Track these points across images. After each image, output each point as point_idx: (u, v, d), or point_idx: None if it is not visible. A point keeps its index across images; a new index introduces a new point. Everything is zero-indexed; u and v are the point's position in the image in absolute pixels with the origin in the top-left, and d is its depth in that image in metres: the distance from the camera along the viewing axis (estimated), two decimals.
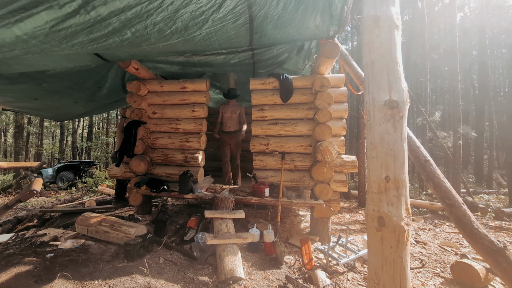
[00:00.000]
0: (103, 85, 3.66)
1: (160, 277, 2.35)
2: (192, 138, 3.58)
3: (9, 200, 4.23)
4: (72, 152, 15.46)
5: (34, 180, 2.84)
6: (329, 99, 3.11)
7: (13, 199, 2.57)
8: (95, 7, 1.34)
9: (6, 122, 15.55)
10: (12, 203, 2.57)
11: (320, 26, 2.31)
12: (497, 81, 18.98)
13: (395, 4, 1.32)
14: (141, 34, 1.77)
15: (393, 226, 1.19)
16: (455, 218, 2.18)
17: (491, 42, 13.17)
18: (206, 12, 1.68)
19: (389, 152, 1.23)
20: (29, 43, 1.55)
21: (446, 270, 2.66)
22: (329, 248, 2.60)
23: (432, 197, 6.57)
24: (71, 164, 9.85)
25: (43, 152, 16.51)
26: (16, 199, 2.58)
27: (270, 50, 3.16)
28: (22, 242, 3.16)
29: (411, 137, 2.53)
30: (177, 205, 4.90)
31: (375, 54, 1.30)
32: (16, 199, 2.59)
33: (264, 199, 3.02)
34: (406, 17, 14.07)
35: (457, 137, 6.84)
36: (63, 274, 2.37)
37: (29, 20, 1.30)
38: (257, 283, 2.31)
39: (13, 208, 2.66)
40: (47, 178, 9.30)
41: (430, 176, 2.36)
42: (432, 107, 11.69)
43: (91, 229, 3.29)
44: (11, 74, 2.61)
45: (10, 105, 3.72)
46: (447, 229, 4.12)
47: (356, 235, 3.63)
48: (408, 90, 1.31)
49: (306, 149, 3.26)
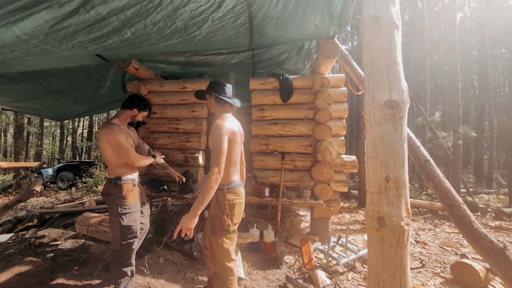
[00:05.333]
0: (103, 84, 3.65)
1: (160, 277, 2.35)
2: (192, 138, 3.58)
3: (9, 200, 4.23)
4: (72, 152, 15.46)
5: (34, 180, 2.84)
6: (329, 99, 3.11)
7: (13, 199, 2.58)
8: (95, 6, 1.33)
9: (6, 122, 15.56)
10: (12, 203, 2.57)
11: (320, 26, 2.30)
12: (497, 81, 18.99)
13: (395, 4, 1.31)
14: (141, 34, 1.77)
15: (393, 226, 1.19)
16: (455, 218, 2.18)
17: (491, 42, 13.16)
18: (205, 11, 1.68)
19: (389, 152, 1.23)
20: (29, 43, 1.54)
21: (446, 270, 2.66)
22: (329, 248, 2.60)
23: (432, 197, 6.57)
24: (71, 164, 9.84)
25: (43, 152, 16.50)
26: (16, 199, 2.59)
27: (270, 50, 3.16)
28: (22, 242, 3.16)
29: (411, 137, 2.54)
30: (177, 205, 4.90)
31: (375, 54, 1.30)
32: (16, 199, 2.59)
33: (264, 199, 3.02)
34: (406, 17, 14.06)
35: (457, 137, 6.84)
36: (63, 274, 2.37)
37: (29, 19, 1.30)
38: (257, 283, 2.31)
39: (13, 208, 2.66)
40: (47, 178, 9.29)
41: (430, 176, 2.36)
42: (432, 107, 11.71)
43: (91, 229, 3.29)
44: (11, 74, 2.60)
45: (10, 105, 3.72)
46: (447, 229, 4.11)
47: (356, 235, 3.63)
48: (408, 90, 1.31)
49: (306, 149, 3.26)
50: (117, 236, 1.98)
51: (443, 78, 15.58)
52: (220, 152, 1.56)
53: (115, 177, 2.03)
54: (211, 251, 1.73)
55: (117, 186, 2.01)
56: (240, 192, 1.78)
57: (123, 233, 1.98)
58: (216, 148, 1.57)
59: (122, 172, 2.06)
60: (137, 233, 2.05)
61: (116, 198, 1.99)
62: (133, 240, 2.03)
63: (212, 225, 1.70)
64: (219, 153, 1.56)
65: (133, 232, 2.02)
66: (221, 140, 1.58)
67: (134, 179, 2.10)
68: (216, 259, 1.70)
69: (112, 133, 1.99)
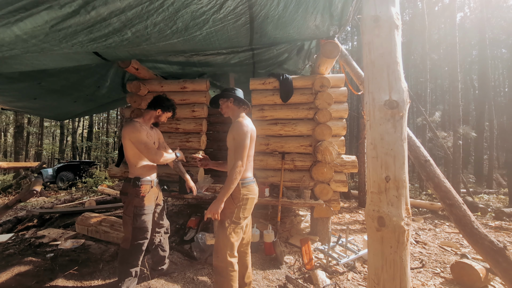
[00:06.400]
0: (103, 84, 3.65)
1: (160, 277, 2.35)
2: (192, 138, 3.57)
3: (9, 200, 4.23)
4: (72, 152, 15.45)
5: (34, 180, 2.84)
6: (329, 99, 3.11)
7: (13, 199, 2.58)
8: (96, 7, 1.33)
9: (6, 122, 15.56)
10: (12, 203, 2.57)
11: (320, 26, 2.31)
12: (497, 81, 19.00)
13: (395, 4, 1.31)
14: (141, 34, 1.77)
15: (393, 226, 1.19)
16: (455, 218, 2.18)
17: (491, 42, 13.18)
18: (207, 13, 1.68)
19: (389, 152, 1.23)
20: (28, 43, 1.55)
21: (446, 270, 2.66)
22: (329, 248, 2.60)
23: (432, 197, 6.57)
24: (71, 164, 9.85)
25: (43, 152, 16.50)
26: (16, 199, 2.59)
27: (270, 50, 3.16)
28: (22, 242, 3.16)
29: (411, 137, 2.53)
30: (177, 205, 4.90)
31: (375, 54, 1.30)
32: (16, 199, 2.59)
33: (264, 199, 3.02)
34: (406, 17, 14.07)
35: (457, 137, 6.85)
36: (63, 274, 2.37)
37: (29, 19, 1.30)
38: (257, 283, 2.31)
39: (13, 208, 2.66)
40: (47, 178, 9.29)
41: (430, 176, 2.36)
42: (432, 107, 11.70)
43: (91, 229, 3.29)
44: (10, 73, 2.60)
45: (9, 104, 3.72)
46: (447, 229, 4.12)
47: (356, 235, 3.64)
48: (408, 90, 1.31)
49: (306, 149, 3.27)
50: (129, 236, 2.01)
51: (443, 78, 15.60)
52: (244, 147, 1.70)
53: (134, 177, 2.05)
54: (217, 244, 1.76)
55: (135, 186, 2.02)
56: (253, 189, 1.85)
57: (135, 233, 2.00)
58: (240, 143, 1.70)
59: (141, 173, 2.08)
60: (148, 235, 2.07)
61: (132, 198, 2.01)
62: (143, 241, 2.05)
63: (223, 216, 1.74)
64: (242, 148, 1.69)
65: (144, 233, 2.04)
66: (245, 137, 1.71)
67: (152, 180, 2.12)
68: (219, 252, 1.72)
69: (133, 130, 2.01)
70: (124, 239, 2.05)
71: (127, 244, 2.01)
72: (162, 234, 2.35)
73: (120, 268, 2.04)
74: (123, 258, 2.03)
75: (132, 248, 2.00)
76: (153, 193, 2.14)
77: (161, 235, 2.35)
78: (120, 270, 2.03)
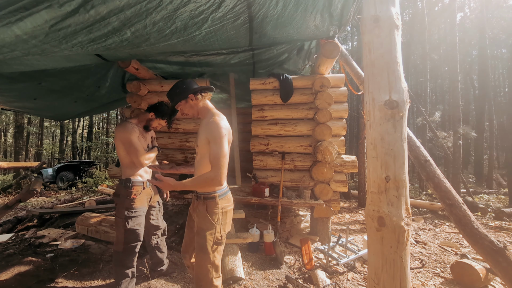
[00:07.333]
0: (103, 84, 3.65)
1: (160, 277, 2.35)
2: (192, 138, 3.58)
3: (9, 200, 4.23)
4: (72, 152, 15.46)
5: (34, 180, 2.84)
6: (329, 99, 3.11)
7: (13, 199, 2.58)
8: (95, 6, 1.33)
9: (6, 122, 15.56)
10: (12, 203, 2.57)
11: (320, 26, 2.30)
12: (497, 81, 18.99)
13: (395, 4, 1.31)
14: (141, 34, 1.77)
15: (393, 226, 1.18)
16: (455, 218, 2.18)
17: (491, 42, 13.17)
18: (205, 12, 1.68)
19: (389, 152, 1.23)
20: (29, 43, 1.54)
21: (446, 270, 2.66)
22: (329, 248, 2.60)
23: (432, 197, 6.57)
24: (71, 164, 9.85)
25: (43, 152, 16.51)
26: (16, 199, 2.59)
27: (270, 50, 3.16)
28: (22, 242, 3.16)
29: (411, 137, 2.53)
30: (177, 205, 4.90)
31: (375, 54, 1.30)
32: (16, 199, 2.59)
33: (264, 199, 3.02)
34: (406, 17, 14.07)
35: (457, 137, 6.84)
36: (63, 274, 2.37)
37: (29, 19, 1.30)
38: (257, 283, 2.31)
39: (13, 208, 2.66)
40: (47, 178, 9.30)
41: (430, 176, 2.36)
42: (432, 107, 11.70)
43: (91, 229, 3.29)
44: (11, 73, 2.60)
45: (9, 104, 3.72)
46: (447, 229, 4.11)
47: (356, 235, 3.63)
48: (408, 90, 1.31)
49: (306, 149, 3.26)
50: (121, 238, 1.98)
51: (443, 78, 15.58)
52: (222, 154, 1.39)
53: (126, 178, 2.03)
54: (199, 271, 1.48)
55: (126, 188, 2.00)
56: (230, 198, 1.62)
57: (127, 236, 1.98)
58: (217, 150, 1.39)
59: (132, 173, 2.05)
60: (140, 237, 2.06)
61: (124, 200, 1.99)
62: (136, 244, 2.03)
63: (203, 240, 1.46)
64: (221, 155, 1.39)
65: (137, 235, 2.02)
66: (222, 142, 1.40)
67: (144, 182, 2.09)
68: (202, 280, 1.46)
69: (123, 130, 1.99)
70: (116, 241, 2.02)
71: (120, 247, 1.98)
72: (159, 236, 2.34)
73: (115, 271, 2.03)
74: (117, 261, 2.01)
75: (125, 251, 1.99)
76: (145, 195, 2.10)
77: (158, 237, 2.33)
78: (116, 272, 2.02)
